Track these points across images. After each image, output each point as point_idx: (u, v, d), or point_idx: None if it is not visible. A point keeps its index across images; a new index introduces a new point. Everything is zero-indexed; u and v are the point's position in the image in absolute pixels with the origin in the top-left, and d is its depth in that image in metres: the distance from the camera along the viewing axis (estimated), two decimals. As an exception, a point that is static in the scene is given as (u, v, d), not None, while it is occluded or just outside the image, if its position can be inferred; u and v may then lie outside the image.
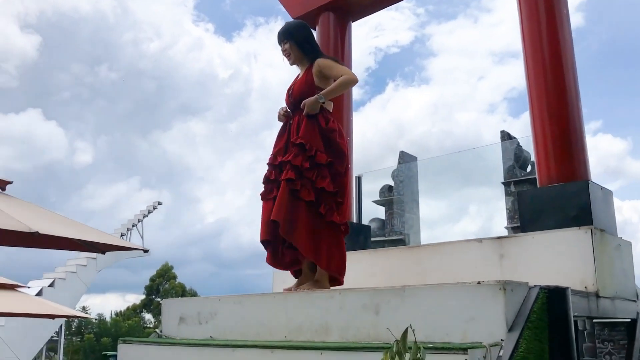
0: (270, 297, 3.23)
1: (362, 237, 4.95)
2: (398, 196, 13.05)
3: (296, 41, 3.71)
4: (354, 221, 5.37)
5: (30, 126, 69.05)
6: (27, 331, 12.52)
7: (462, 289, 2.41)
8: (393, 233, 12.70)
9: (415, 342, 1.70)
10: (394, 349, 1.70)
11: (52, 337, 15.03)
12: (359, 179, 8.35)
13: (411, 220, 13.04)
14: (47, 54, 73.30)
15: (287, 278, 3.90)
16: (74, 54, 77.69)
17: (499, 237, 3.65)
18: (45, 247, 5.21)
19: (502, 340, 2.25)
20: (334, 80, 3.57)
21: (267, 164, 3.64)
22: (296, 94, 3.64)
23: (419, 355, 1.66)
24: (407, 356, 1.69)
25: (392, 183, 13.64)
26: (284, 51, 3.78)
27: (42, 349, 14.32)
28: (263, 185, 3.62)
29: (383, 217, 13.60)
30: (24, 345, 12.69)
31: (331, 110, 3.67)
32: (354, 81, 3.59)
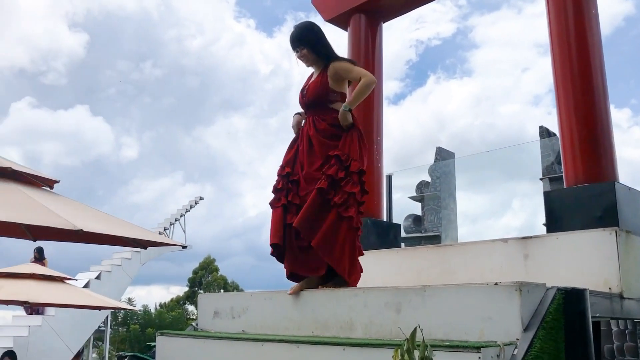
0: (298, 294, 3.36)
1: (391, 235, 5.03)
2: (435, 192, 12.99)
3: (311, 46, 3.73)
4: (384, 219, 5.45)
5: (78, 122, 71.36)
6: (76, 322, 13.03)
7: (480, 290, 2.49)
8: (429, 229, 12.66)
9: (423, 340, 1.80)
10: (404, 347, 1.80)
11: (99, 327, 15.55)
12: (389, 177, 8.34)
13: (448, 217, 12.97)
14: (94, 52, 75.41)
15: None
16: (119, 51, 79.74)
17: (523, 238, 3.69)
18: (90, 243, 5.48)
19: (517, 339, 2.32)
20: (349, 83, 3.64)
21: (277, 174, 3.70)
22: (310, 95, 3.70)
23: (426, 353, 1.76)
24: (417, 354, 1.80)
25: (429, 179, 13.56)
26: (300, 57, 3.78)
27: (89, 338, 14.86)
28: (272, 194, 3.67)
29: (420, 214, 13.55)
30: (73, 335, 13.22)
31: None
32: (373, 82, 3.62)
